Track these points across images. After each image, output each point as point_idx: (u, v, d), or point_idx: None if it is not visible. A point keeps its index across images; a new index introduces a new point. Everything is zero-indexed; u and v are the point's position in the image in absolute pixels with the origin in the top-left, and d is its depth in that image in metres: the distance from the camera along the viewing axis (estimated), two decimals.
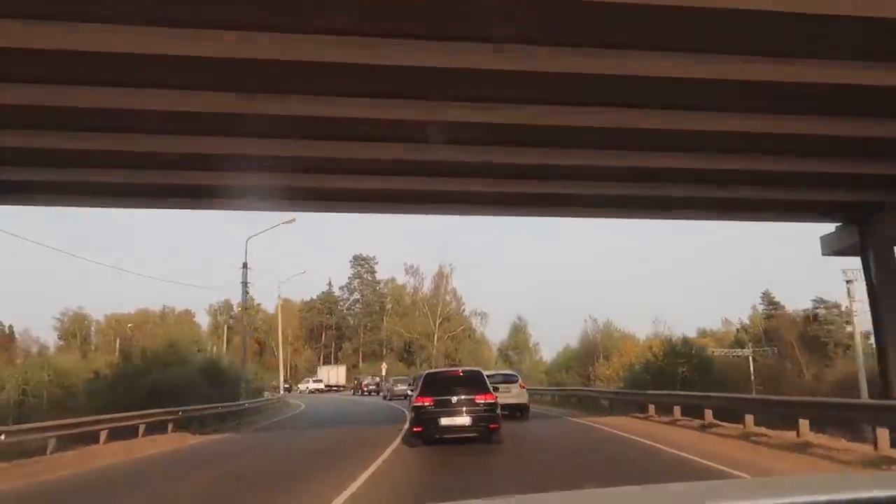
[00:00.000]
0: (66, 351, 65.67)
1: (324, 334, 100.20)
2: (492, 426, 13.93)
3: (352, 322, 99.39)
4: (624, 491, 2.04)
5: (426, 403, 14.07)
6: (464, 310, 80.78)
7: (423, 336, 78.18)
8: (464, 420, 13.86)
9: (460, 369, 16.93)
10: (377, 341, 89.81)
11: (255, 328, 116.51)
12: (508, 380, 23.50)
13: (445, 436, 13.98)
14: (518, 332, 73.32)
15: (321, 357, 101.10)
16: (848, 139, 13.33)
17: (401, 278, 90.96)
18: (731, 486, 2.37)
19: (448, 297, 79.45)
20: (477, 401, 13.98)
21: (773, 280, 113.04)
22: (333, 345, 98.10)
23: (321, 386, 72.27)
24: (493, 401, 14.15)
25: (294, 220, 36.08)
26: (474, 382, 14.49)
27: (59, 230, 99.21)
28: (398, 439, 15.70)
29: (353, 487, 9.28)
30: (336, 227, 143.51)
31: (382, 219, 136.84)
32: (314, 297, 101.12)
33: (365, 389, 55.87)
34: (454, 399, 14.01)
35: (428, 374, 16.13)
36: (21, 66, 9.99)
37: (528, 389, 25.18)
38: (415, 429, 14.26)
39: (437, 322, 77.33)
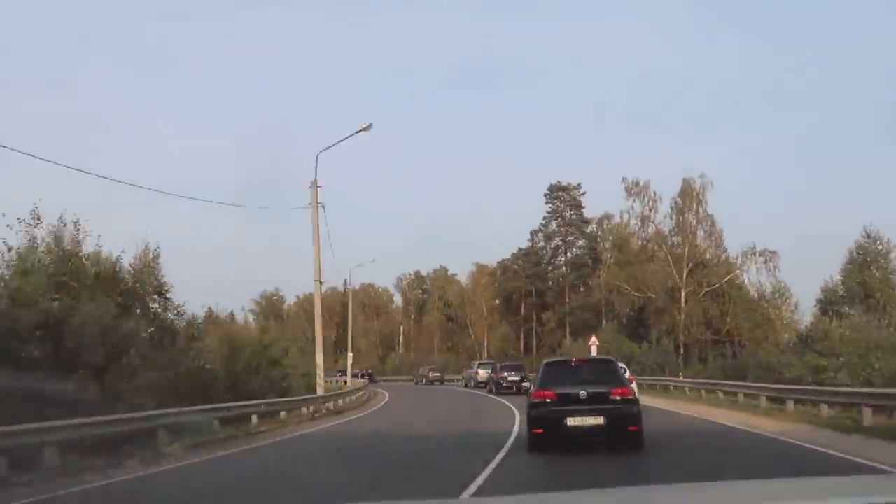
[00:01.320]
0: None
1: (522, 305, 76.44)
2: (631, 428, 11.84)
3: (551, 283, 73.86)
4: (624, 491, 2.52)
5: (547, 398, 12.19)
6: (727, 253, 52.18)
7: (664, 295, 50.91)
8: (595, 420, 11.75)
9: (589, 357, 16.09)
10: (589, 306, 63.36)
11: (447, 302, 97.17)
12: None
13: (572, 441, 11.85)
14: (865, 265, 36.39)
15: (521, 334, 77.84)
16: None
17: (617, 206, 63.43)
18: (726, 487, 2.64)
19: (702, 231, 51.32)
20: (612, 396, 12.01)
21: None
22: (534, 317, 73.80)
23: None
24: (631, 396, 12.55)
25: (370, 126, 28.46)
26: (607, 373, 12.84)
27: None
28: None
29: None
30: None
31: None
32: (509, 256, 77.54)
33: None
34: (582, 393, 11.97)
35: (548, 362, 14.07)
36: None
37: None
38: (535, 430, 12.31)
39: (685, 271, 49.80)
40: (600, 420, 11.72)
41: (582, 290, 67.52)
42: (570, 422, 11.72)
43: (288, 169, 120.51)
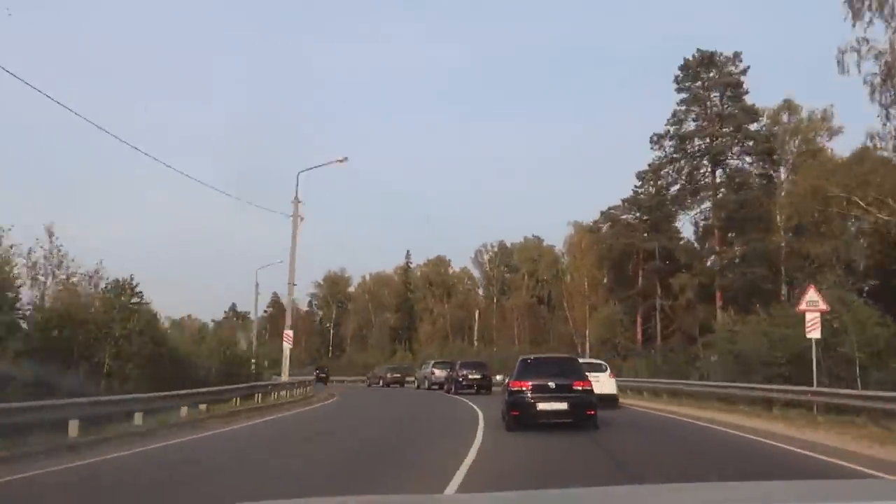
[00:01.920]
0: None
1: (640, 272, 53.02)
2: (588, 412, 15.01)
3: (683, 234, 50.00)
4: (625, 491, 2.72)
5: (523, 388, 15.23)
6: None
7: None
8: (561, 405, 14.96)
9: (556, 355, 19.98)
10: (762, 256, 38.78)
11: (538, 279, 74.98)
12: (595, 368, 23.23)
13: (542, 420, 14.92)
14: None
15: (637, 315, 54.48)
16: None
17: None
18: (722, 488, 2.68)
19: None
20: (574, 386, 15.16)
21: None
22: (658, 288, 50.21)
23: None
24: (590, 387, 15.50)
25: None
26: (571, 368, 16.33)
27: None
28: None
29: None
30: None
31: None
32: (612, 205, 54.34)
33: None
34: (551, 384, 15.17)
35: (524, 358, 17.10)
36: None
37: None
38: (512, 412, 15.26)
39: None
40: (564, 405, 14.97)
41: (742, 236, 42.86)
42: (541, 406, 14.97)
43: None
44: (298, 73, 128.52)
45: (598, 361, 26.85)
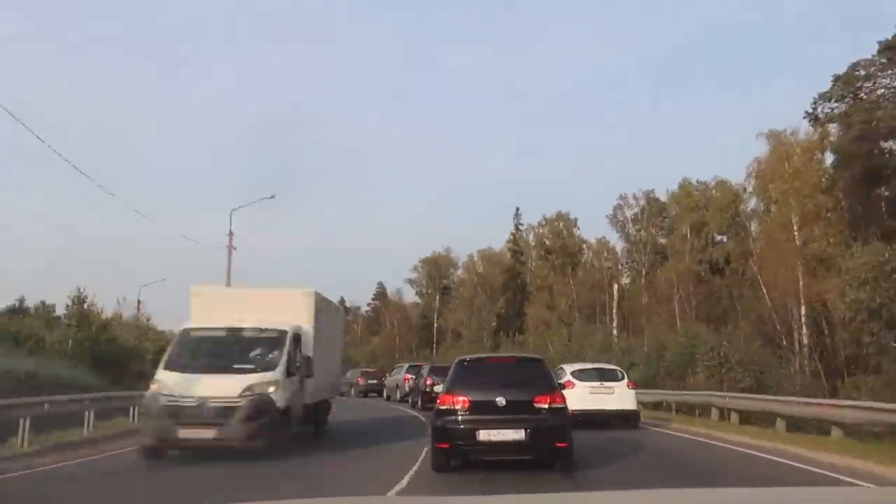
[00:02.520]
0: None
1: None
2: (559, 444, 9.69)
3: None
4: (625, 494, 2.49)
5: (457, 406, 9.80)
6: None
7: None
8: (515, 434, 9.55)
9: (513, 355, 13.19)
10: None
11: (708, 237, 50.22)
12: (608, 377, 18.41)
13: (485, 457, 9.99)
14: None
15: None
16: None
17: None
18: (717, 494, 2.61)
19: None
20: (537, 404, 9.75)
21: None
22: None
23: None
24: (561, 405, 9.91)
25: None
26: (533, 375, 10.28)
27: None
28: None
29: None
30: None
31: None
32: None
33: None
34: (500, 400, 9.75)
35: (462, 360, 11.12)
36: None
37: None
38: (438, 445, 9.94)
39: None
40: (520, 434, 9.47)
41: None
42: (484, 435, 9.50)
43: None
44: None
45: (612, 367, 19.94)
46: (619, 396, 17.53)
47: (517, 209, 64.78)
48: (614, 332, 48.00)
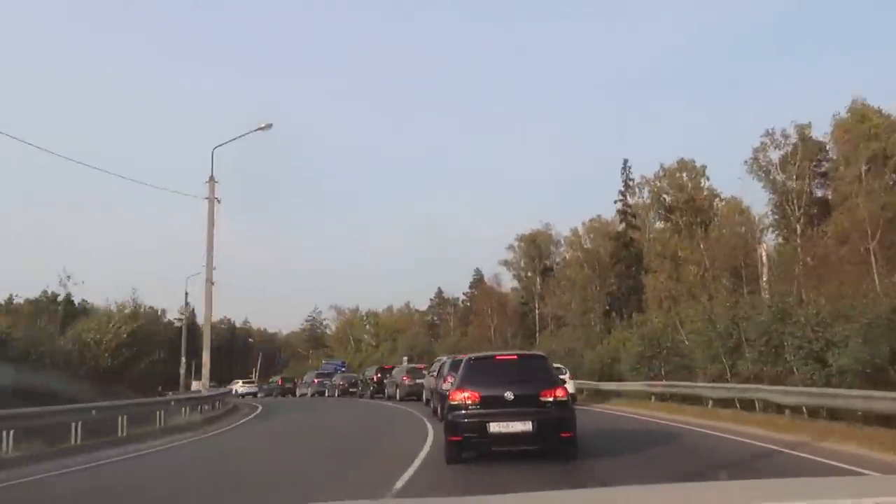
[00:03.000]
0: None
1: None
2: (564, 434, 10.46)
3: None
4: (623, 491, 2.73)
5: (468, 401, 10.56)
6: None
7: None
8: (523, 426, 10.28)
9: (518, 353, 12.60)
10: None
11: None
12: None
13: (497, 447, 10.63)
14: None
15: None
16: None
17: None
18: (715, 487, 2.54)
19: None
20: (543, 397, 10.54)
21: None
22: None
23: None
24: (564, 398, 10.76)
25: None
26: (538, 372, 11.13)
27: None
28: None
29: None
30: None
31: None
32: None
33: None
34: (509, 395, 10.51)
35: (471, 358, 11.99)
36: None
37: None
38: (452, 438, 10.67)
39: None
40: (528, 426, 10.24)
41: None
42: (494, 427, 10.23)
43: None
44: None
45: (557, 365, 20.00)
46: None
47: (625, 162, 52.47)
48: (767, 299, 35.15)
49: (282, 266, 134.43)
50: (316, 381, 47.73)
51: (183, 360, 54.94)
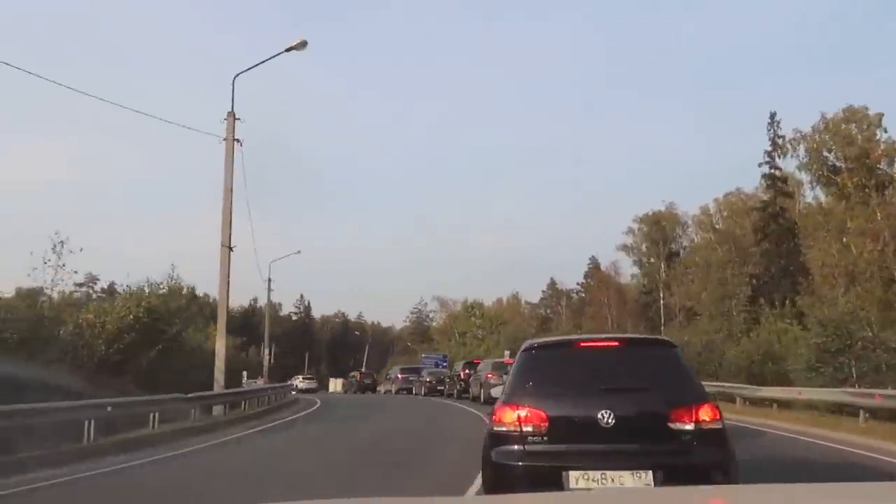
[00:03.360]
0: None
1: None
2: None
3: None
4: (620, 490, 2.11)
5: (525, 426, 5.58)
6: None
7: None
8: (636, 479, 5.29)
9: (620, 337, 6.80)
10: None
11: None
12: None
13: None
14: None
15: None
16: None
17: None
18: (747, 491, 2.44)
19: None
20: (676, 423, 5.47)
21: None
22: None
23: None
24: (717, 424, 5.53)
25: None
26: (663, 372, 5.92)
27: None
28: None
29: None
30: None
31: None
32: None
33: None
34: (606, 416, 5.43)
35: (532, 346, 6.34)
36: None
37: None
38: (499, 488, 5.56)
39: None
40: (646, 478, 5.22)
41: None
42: (577, 481, 5.23)
43: None
44: None
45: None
46: None
47: (773, 115, 42.82)
48: None
49: (391, 260, 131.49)
50: (400, 376, 41.63)
51: (265, 350, 50.96)
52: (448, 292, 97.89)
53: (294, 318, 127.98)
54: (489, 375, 23.62)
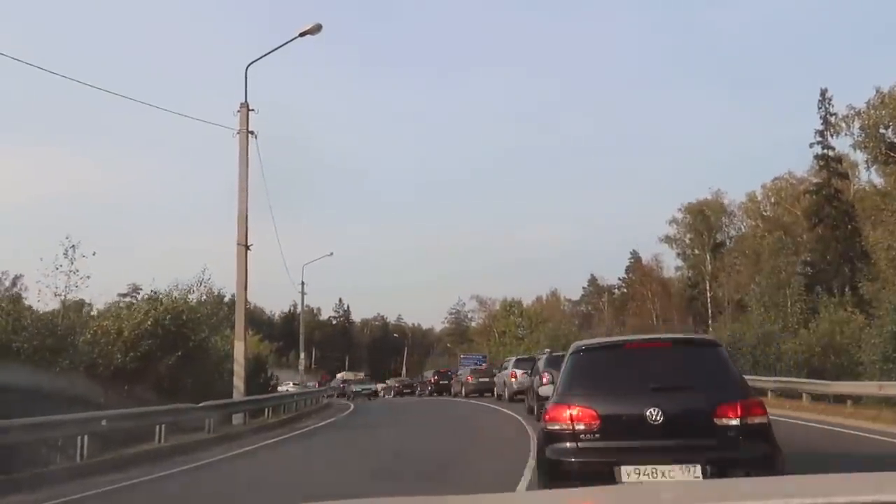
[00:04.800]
0: None
1: None
2: None
3: None
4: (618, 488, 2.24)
5: (578, 424, 5.86)
6: None
7: None
8: (685, 472, 5.51)
9: (667, 337, 7.17)
10: None
11: None
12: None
13: None
14: None
15: None
16: None
17: None
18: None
19: None
20: (721, 418, 5.72)
21: None
22: None
23: None
24: (762, 419, 5.79)
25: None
26: (708, 370, 6.14)
27: None
28: None
29: None
30: None
31: None
32: None
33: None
34: (654, 414, 5.68)
35: (580, 348, 6.55)
36: None
37: None
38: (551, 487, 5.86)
39: None
40: (695, 472, 5.47)
41: None
42: (629, 475, 5.52)
43: None
44: None
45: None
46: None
47: (823, 92, 40.39)
48: None
49: (432, 262, 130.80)
50: (434, 379, 40.62)
51: (302, 354, 50.25)
52: (486, 291, 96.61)
53: (334, 322, 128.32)
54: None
